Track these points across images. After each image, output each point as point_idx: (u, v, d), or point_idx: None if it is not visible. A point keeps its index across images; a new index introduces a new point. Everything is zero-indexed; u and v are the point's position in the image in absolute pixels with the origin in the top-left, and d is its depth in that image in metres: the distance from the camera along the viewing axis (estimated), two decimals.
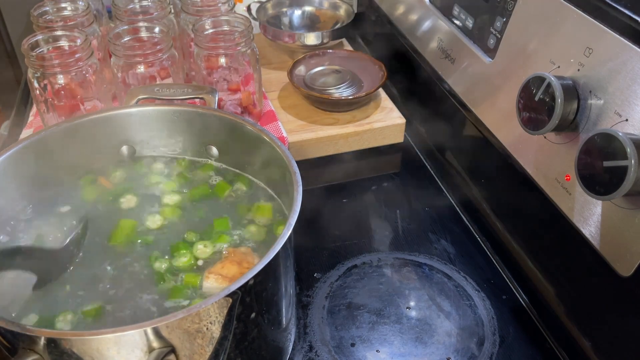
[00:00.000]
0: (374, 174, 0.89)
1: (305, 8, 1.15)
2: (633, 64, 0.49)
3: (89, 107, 0.77)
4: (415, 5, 0.89)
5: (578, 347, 0.60)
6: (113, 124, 0.64)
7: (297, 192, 0.52)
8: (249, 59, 0.82)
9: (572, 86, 0.54)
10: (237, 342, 0.48)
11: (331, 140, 0.89)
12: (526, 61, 0.62)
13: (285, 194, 0.58)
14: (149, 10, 0.85)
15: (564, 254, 0.61)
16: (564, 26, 0.57)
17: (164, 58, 0.77)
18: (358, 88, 0.94)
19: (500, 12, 0.67)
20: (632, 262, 0.50)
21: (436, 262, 0.72)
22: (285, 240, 0.47)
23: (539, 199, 0.61)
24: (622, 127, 0.49)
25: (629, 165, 0.45)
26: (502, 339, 0.63)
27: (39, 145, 0.60)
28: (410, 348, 0.62)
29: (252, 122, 0.62)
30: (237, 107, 0.85)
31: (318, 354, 0.61)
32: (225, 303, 0.44)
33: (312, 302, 0.67)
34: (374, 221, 0.79)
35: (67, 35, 0.75)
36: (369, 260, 0.73)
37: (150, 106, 0.65)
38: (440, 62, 0.81)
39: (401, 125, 0.91)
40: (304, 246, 0.74)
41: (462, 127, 0.80)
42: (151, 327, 0.41)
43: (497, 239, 0.73)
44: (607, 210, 0.52)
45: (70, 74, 0.74)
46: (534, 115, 0.55)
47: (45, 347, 0.41)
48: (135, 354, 0.42)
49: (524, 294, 0.68)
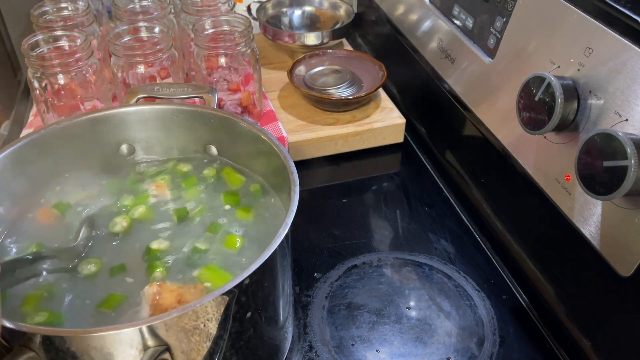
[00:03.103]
0: (374, 174, 0.88)
1: (305, 8, 1.15)
2: (633, 64, 0.49)
3: (89, 107, 0.77)
4: (415, 5, 0.89)
5: (578, 347, 0.59)
6: (113, 123, 0.64)
7: (294, 191, 0.52)
8: (249, 59, 0.82)
9: (572, 86, 0.54)
10: (233, 341, 0.48)
11: (331, 140, 0.89)
12: (526, 61, 0.62)
13: (284, 193, 0.58)
14: (149, 10, 0.85)
15: (564, 254, 0.61)
16: (564, 26, 0.57)
17: (164, 58, 0.77)
18: (358, 88, 0.94)
19: (500, 12, 0.67)
20: (632, 262, 0.49)
21: (436, 262, 0.72)
22: (282, 238, 0.47)
23: (539, 199, 0.61)
24: (622, 127, 0.49)
25: (629, 165, 0.44)
26: (502, 339, 0.63)
27: (38, 144, 0.60)
28: (410, 348, 0.62)
29: (251, 121, 0.62)
30: (237, 107, 0.85)
31: (318, 354, 0.61)
32: (221, 301, 0.44)
33: (312, 302, 0.67)
34: (374, 221, 0.79)
35: (67, 35, 0.75)
36: (369, 260, 0.73)
37: (150, 105, 0.65)
38: (440, 62, 0.81)
39: (401, 125, 0.91)
40: (304, 246, 0.74)
41: (462, 127, 0.80)
42: (146, 325, 0.41)
43: (497, 239, 0.73)
44: (607, 210, 0.52)
45: (70, 74, 0.74)
46: (534, 115, 0.55)
47: (40, 344, 0.41)
48: (130, 352, 0.42)
49: (524, 294, 0.68)
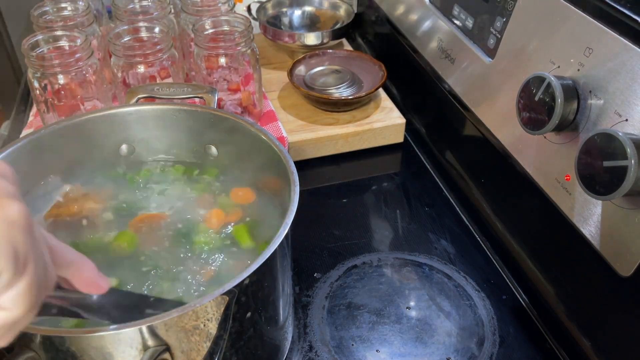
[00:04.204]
0: (374, 174, 0.88)
1: (305, 8, 1.15)
2: (633, 64, 0.49)
3: (89, 107, 0.77)
4: (415, 5, 0.89)
5: (578, 347, 0.59)
6: (112, 122, 0.64)
7: (294, 191, 0.52)
8: (249, 59, 0.82)
9: (572, 86, 0.54)
10: (233, 341, 0.48)
11: (331, 140, 0.89)
12: (526, 61, 0.62)
13: (284, 193, 0.58)
14: (149, 10, 0.85)
15: (564, 254, 0.61)
16: (564, 26, 0.57)
17: (164, 58, 0.77)
18: (358, 88, 0.94)
19: (500, 12, 0.67)
20: (632, 262, 0.49)
21: (436, 262, 0.72)
22: (282, 239, 0.47)
23: (539, 198, 0.61)
24: (622, 127, 0.49)
25: (629, 165, 0.44)
26: (502, 339, 0.63)
27: (38, 144, 0.60)
28: (410, 348, 0.62)
29: (251, 121, 0.62)
30: (237, 107, 0.85)
31: (318, 354, 0.61)
32: (221, 301, 0.44)
33: (312, 302, 0.67)
34: (374, 221, 0.79)
35: (67, 35, 0.75)
36: (369, 260, 0.73)
37: (150, 105, 0.65)
38: (440, 62, 0.81)
39: (401, 125, 0.91)
40: (304, 246, 0.74)
41: (462, 127, 0.80)
42: (146, 325, 0.41)
43: (497, 239, 0.73)
44: (607, 210, 0.52)
45: (70, 74, 0.74)
46: (534, 115, 0.55)
47: (40, 344, 0.41)
48: (130, 352, 0.42)
49: (524, 294, 0.68)
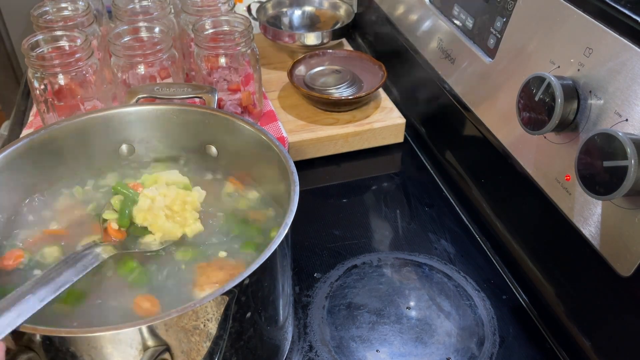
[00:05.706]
0: (374, 174, 0.88)
1: (305, 8, 1.15)
2: (633, 64, 0.49)
3: (89, 107, 0.77)
4: (415, 5, 0.89)
5: (578, 347, 0.59)
6: (112, 122, 0.64)
7: (294, 191, 0.52)
8: (249, 59, 0.82)
9: (572, 86, 0.54)
10: (233, 341, 0.48)
11: (331, 140, 0.89)
12: (526, 61, 0.62)
13: (284, 193, 0.58)
14: (149, 10, 0.85)
15: (564, 254, 0.61)
16: (564, 26, 0.57)
17: (164, 58, 0.77)
18: (358, 88, 0.94)
19: (500, 12, 0.67)
20: (632, 262, 0.49)
21: (436, 262, 0.72)
22: (282, 239, 0.47)
23: (539, 198, 0.61)
24: (622, 127, 0.49)
25: (629, 165, 0.44)
26: (502, 339, 0.63)
27: (38, 144, 0.60)
28: (410, 348, 0.62)
29: (251, 122, 0.62)
30: (237, 107, 0.85)
31: (318, 354, 0.61)
32: (221, 301, 0.44)
33: (312, 302, 0.67)
34: (374, 221, 0.79)
35: (67, 35, 0.75)
36: (369, 260, 0.73)
37: (150, 105, 0.65)
38: (440, 62, 0.81)
39: (401, 125, 0.91)
40: (304, 246, 0.74)
41: (462, 127, 0.80)
42: (146, 325, 0.41)
43: (497, 239, 0.73)
44: (607, 210, 0.52)
45: (70, 74, 0.73)
46: (534, 115, 0.55)
47: (40, 344, 0.41)
48: (130, 352, 0.42)
49: (524, 294, 0.68)
